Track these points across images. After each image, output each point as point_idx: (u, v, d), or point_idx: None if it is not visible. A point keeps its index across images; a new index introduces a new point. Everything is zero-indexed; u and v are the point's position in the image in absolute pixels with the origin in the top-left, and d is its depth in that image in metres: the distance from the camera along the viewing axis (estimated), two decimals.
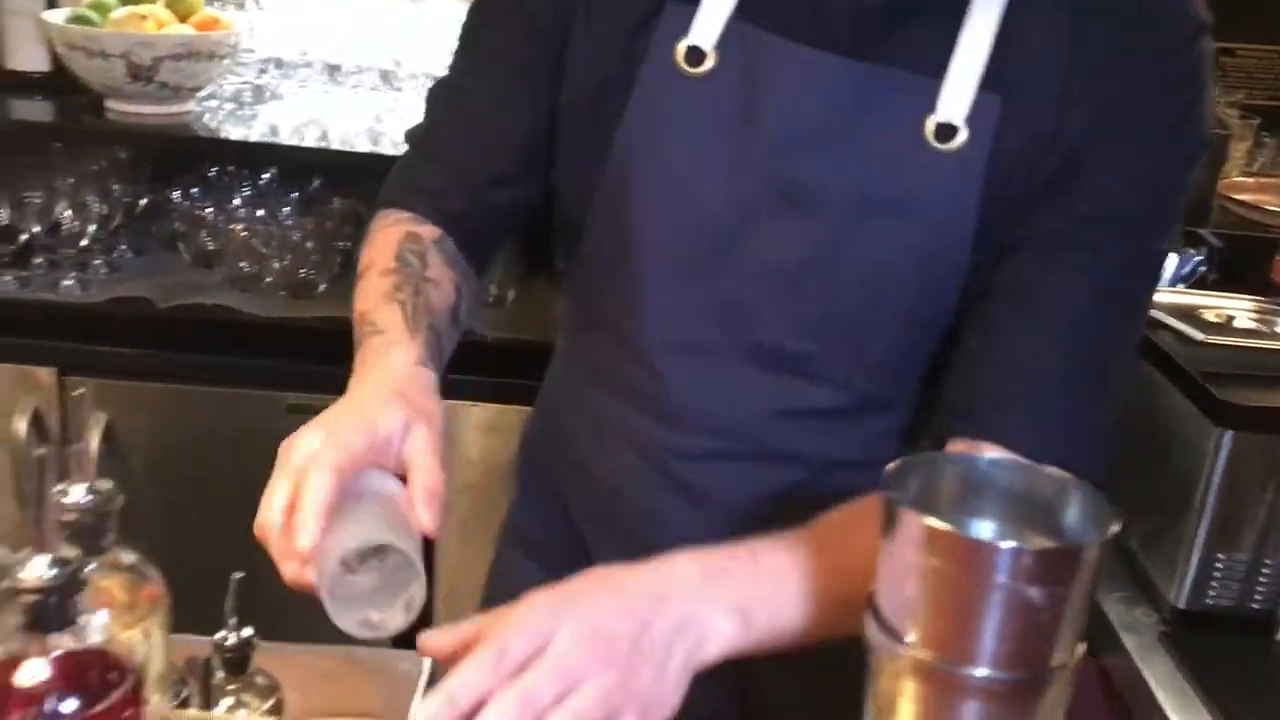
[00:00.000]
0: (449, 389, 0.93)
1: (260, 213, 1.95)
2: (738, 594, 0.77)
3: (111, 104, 1.96)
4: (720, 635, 0.76)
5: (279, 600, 0.85)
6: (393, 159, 1.10)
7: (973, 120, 0.85)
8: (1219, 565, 1.35)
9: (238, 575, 1.11)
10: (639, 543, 1.04)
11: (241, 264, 1.91)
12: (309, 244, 1.94)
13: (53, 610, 0.59)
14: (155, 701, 0.73)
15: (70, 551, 0.60)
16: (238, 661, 1.05)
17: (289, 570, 0.74)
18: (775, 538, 0.81)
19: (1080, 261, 0.86)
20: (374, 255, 1.01)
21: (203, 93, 2.04)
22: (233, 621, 1.05)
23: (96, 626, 0.63)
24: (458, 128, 1.05)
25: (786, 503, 0.98)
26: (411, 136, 1.09)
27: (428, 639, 0.76)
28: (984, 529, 0.66)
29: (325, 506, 0.71)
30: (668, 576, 0.77)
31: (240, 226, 1.92)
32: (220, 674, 1.04)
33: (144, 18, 1.92)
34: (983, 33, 0.85)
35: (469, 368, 0.90)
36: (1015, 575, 0.60)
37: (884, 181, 0.88)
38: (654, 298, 0.96)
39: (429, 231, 1.03)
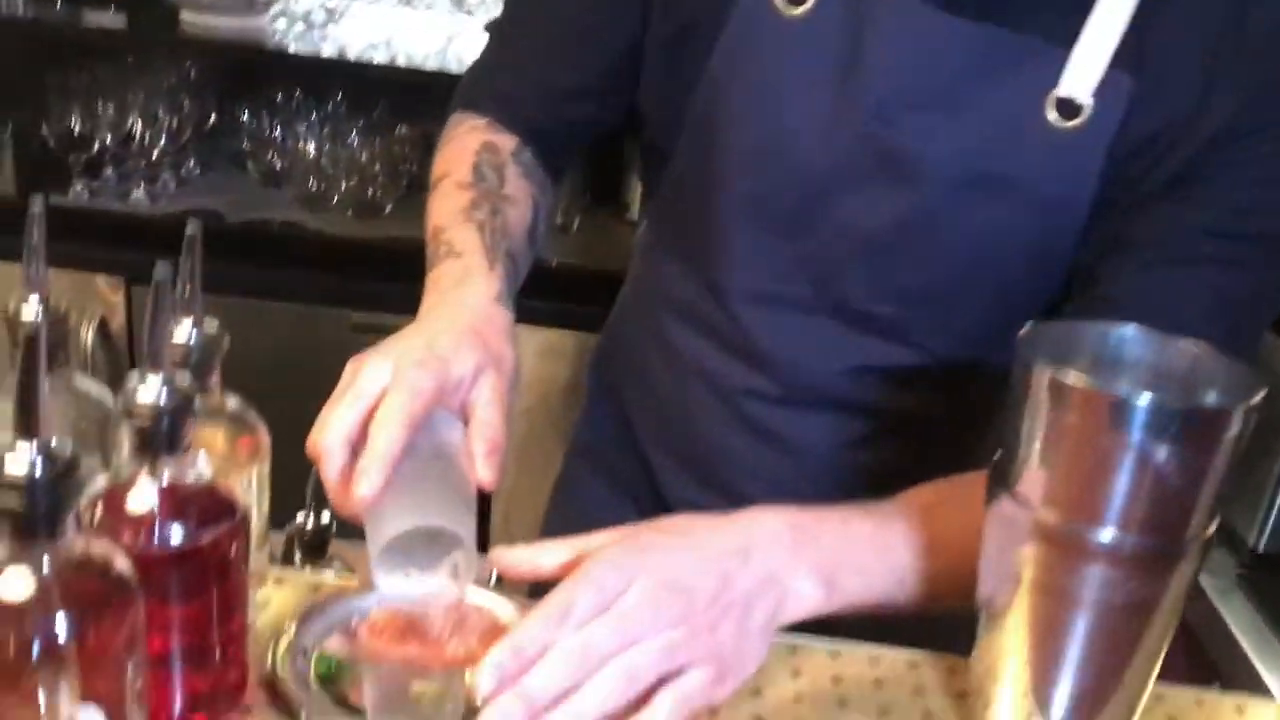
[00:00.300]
0: None
1: (327, 130, 1.95)
2: (825, 559, 0.73)
3: (186, 15, 1.96)
4: (803, 598, 0.72)
5: None
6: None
7: (1099, 98, 0.79)
8: None
9: None
10: (706, 475, 1.02)
11: (309, 183, 1.91)
12: (376, 166, 1.93)
13: (164, 434, 0.58)
14: (255, 557, 0.72)
15: (182, 379, 0.59)
16: (316, 546, 1.05)
17: (336, 499, 0.71)
18: (868, 507, 0.78)
19: (1207, 278, 0.80)
20: (449, 164, 0.98)
21: (275, 8, 2.04)
22: (312, 506, 1.05)
23: (202, 466, 0.62)
24: (541, 36, 1.01)
25: (862, 451, 0.96)
26: (493, 30, 1.06)
27: (505, 562, 0.73)
28: None
29: (391, 460, 0.69)
30: (753, 531, 0.73)
31: (308, 145, 1.92)
32: (299, 557, 1.04)
33: None
34: (1121, 2, 0.78)
35: (530, 291, 0.89)
36: (1153, 434, 0.58)
37: (993, 156, 0.82)
38: (737, 245, 0.92)
39: (506, 142, 1.00)
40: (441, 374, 0.74)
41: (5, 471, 0.49)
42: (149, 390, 0.58)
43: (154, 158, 1.87)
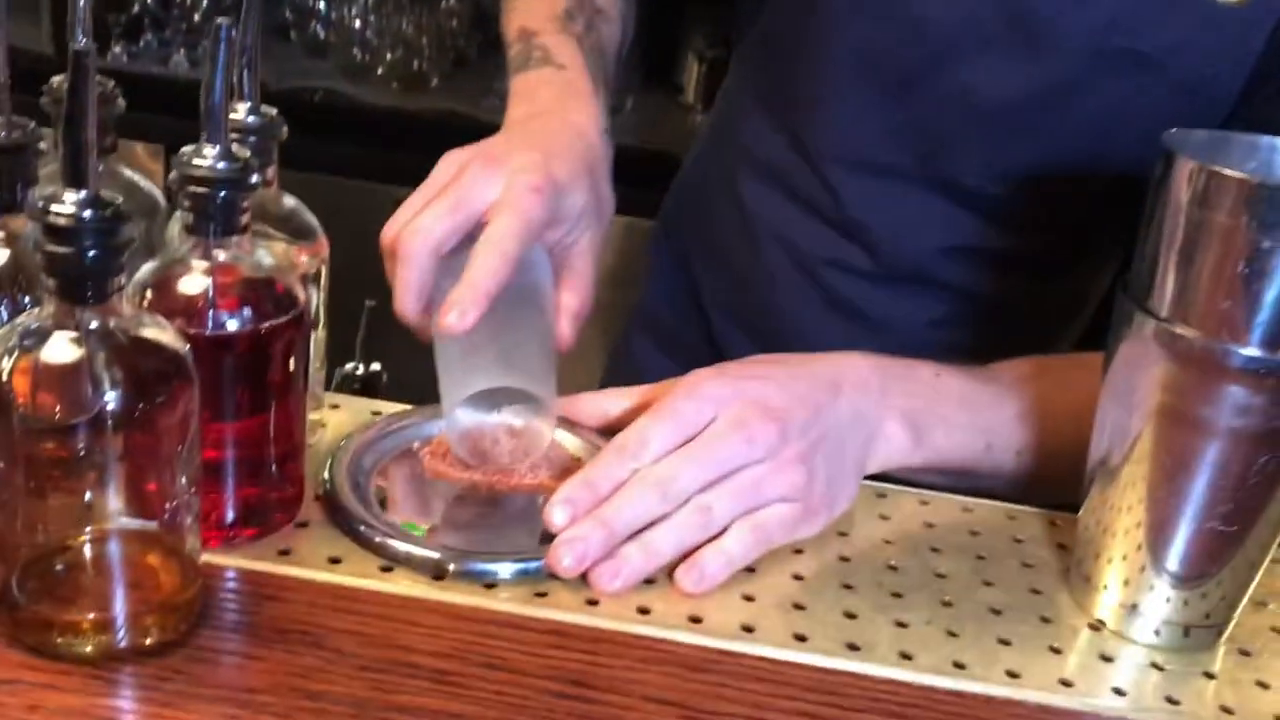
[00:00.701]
0: None
1: (372, 1, 1.88)
2: (912, 405, 0.68)
3: None
4: (890, 441, 0.67)
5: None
6: None
7: None
8: None
9: (371, 304, 1.06)
10: (778, 350, 0.95)
11: (353, 53, 1.85)
12: (423, 39, 1.87)
13: (219, 207, 0.53)
14: (313, 376, 0.67)
15: (241, 150, 0.54)
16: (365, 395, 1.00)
17: (407, 311, 0.65)
18: (961, 367, 0.73)
19: None
20: None
21: None
22: (361, 358, 1.01)
23: (262, 255, 0.57)
24: None
25: (947, 333, 0.90)
26: None
27: (569, 410, 0.69)
28: None
29: (491, 296, 0.62)
30: (841, 369, 0.68)
31: (352, 15, 1.86)
32: None
33: None
34: None
35: None
36: None
37: (1142, 29, 0.75)
38: (839, 104, 0.86)
39: None
40: (555, 205, 0.67)
41: (51, 212, 0.44)
42: (204, 157, 0.53)
43: (194, 21, 1.81)
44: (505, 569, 0.58)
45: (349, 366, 1.00)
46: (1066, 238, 0.86)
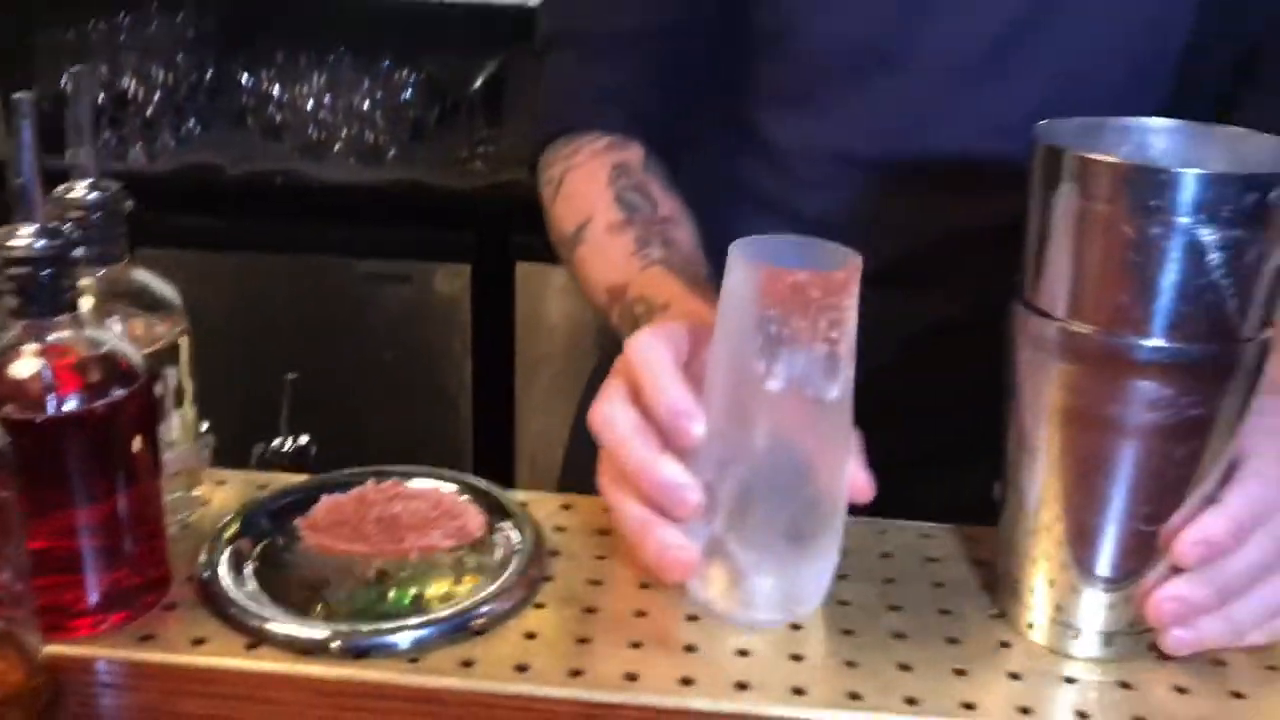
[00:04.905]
0: (527, 250, 0.72)
1: (324, 79, 1.89)
2: None
3: None
4: None
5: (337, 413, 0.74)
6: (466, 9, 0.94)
7: None
8: None
9: (292, 376, 1.04)
10: None
11: (309, 131, 1.85)
12: (377, 112, 1.87)
13: (45, 288, 0.51)
14: (185, 450, 0.64)
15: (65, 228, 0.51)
16: (294, 470, 0.98)
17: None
18: None
19: None
20: (586, 206, 0.81)
21: None
22: (286, 430, 0.98)
23: (99, 333, 0.54)
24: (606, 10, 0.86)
25: (933, 338, 0.82)
26: (546, 42, 0.88)
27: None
28: None
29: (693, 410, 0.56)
30: None
31: (306, 93, 1.86)
32: None
33: None
34: None
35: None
36: (1198, 212, 0.48)
37: None
38: (819, 98, 0.81)
39: (633, 155, 0.84)
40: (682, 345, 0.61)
41: None
42: (20, 237, 0.50)
43: (149, 116, 1.81)
44: (403, 637, 0.55)
45: (275, 442, 0.97)
46: None
